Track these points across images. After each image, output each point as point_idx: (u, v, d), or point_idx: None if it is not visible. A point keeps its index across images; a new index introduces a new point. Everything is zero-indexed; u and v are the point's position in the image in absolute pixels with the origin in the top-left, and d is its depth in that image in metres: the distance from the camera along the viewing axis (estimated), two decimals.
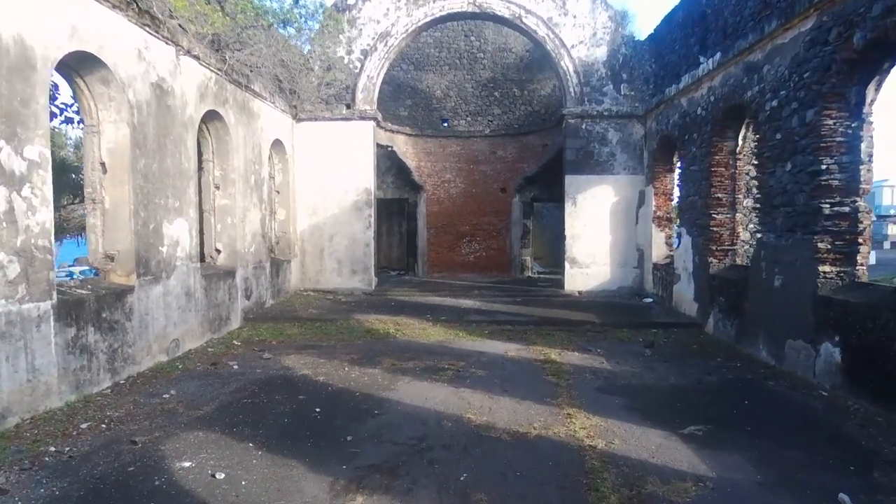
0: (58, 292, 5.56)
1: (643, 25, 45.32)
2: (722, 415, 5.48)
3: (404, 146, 16.72)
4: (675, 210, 12.14)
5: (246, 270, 10.09)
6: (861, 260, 6.23)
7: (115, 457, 4.44)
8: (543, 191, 16.88)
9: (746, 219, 9.59)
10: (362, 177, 13.15)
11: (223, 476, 4.11)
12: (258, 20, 8.62)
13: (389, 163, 16.63)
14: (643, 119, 12.71)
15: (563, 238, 13.25)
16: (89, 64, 6.23)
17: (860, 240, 6.22)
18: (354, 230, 13.13)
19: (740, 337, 8.13)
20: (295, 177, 12.93)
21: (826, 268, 6.33)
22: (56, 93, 9.19)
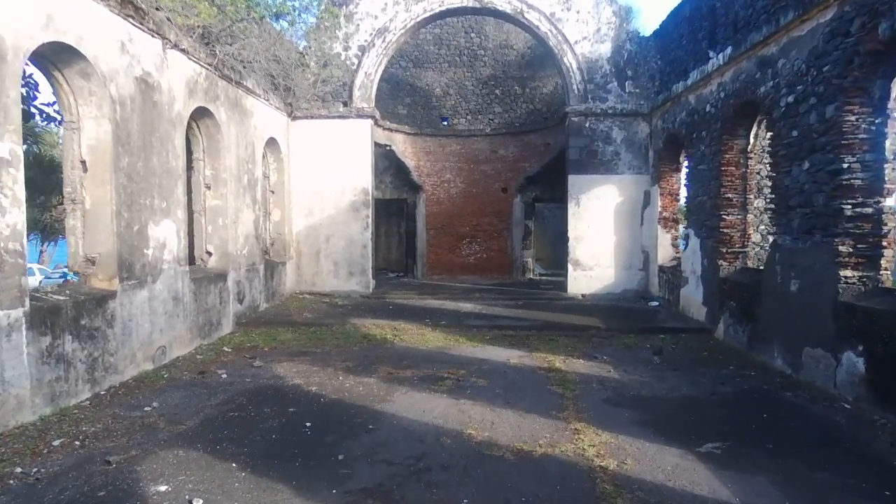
0: (31, 299, 5.21)
1: (648, 21, 44.87)
2: (740, 430, 5.12)
3: (403, 145, 16.36)
4: (682, 211, 11.79)
5: (238, 273, 9.74)
6: (885, 264, 5.89)
7: (86, 479, 4.09)
8: (545, 191, 16.52)
9: (757, 220, 9.25)
10: (360, 176, 12.80)
11: (201, 503, 3.76)
12: (249, 12, 8.27)
13: (388, 162, 16.28)
14: (648, 117, 12.35)
15: (566, 239, 12.90)
16: (67, 56, 5.87)
17: (884, 243, 5.88)
18: (351, 231, 12.78)
19: (753, 343, 7.78)
20: (290, 176, 12.57)
21: (847, 272, 5.98)
22: (36, 91, 8.84)
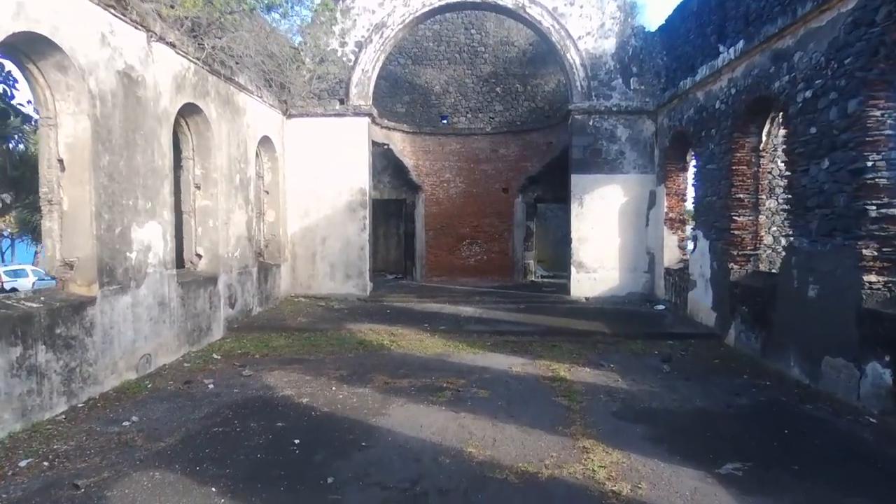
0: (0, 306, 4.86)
1: (653, 16, 44.33)
2: (761, 448, 4.76)
3: (401, 144, 16.00)
4: (690, 212, 11.44)
5: (230, 276, 9.38)
6: None
7: None
8: (547, 191, 16.17)
9: (769, 221, 8.88)
10: (357, 176, 12.44)
11: None
12: (239, 3, 7.91)
13: (386, 161, 15.92)
14: (654, 115, 11.99)
15: (569, 241, 12.54)
16: (42, 47, 5.52)
17: None
18: (348, 232, 12.42)
19: (767, 351, 7.42)
20: (285, 176, 12.21)
21: (872, 277, 5.62)
22: (14, 88, 8.47)
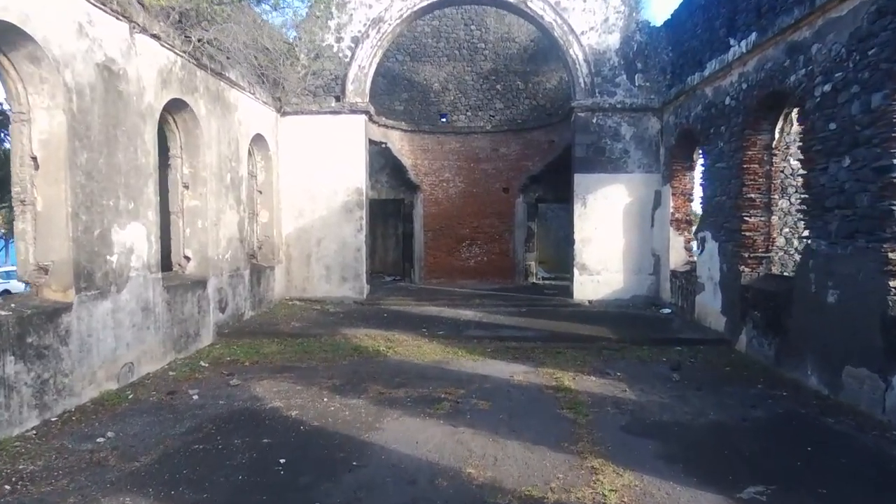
0: None
1: (659, 11, 43.81)
2: (784, 468, 4.41)
3: (399, 143, 15.64)
4: (696, 212, 11.07)
5: (220, 279, 9.03)
6: None
7: None
8: (549, 191, 15.80)
9: (781, 222, 8.53)
10: (353, 175, 12.08)
11: None
12: None
13: (383, 161, 15.56)
14: (660, 112, 11.64)
15: (571, 242, 12.18)
16: (12, 37, 5.17)
17: None
18: (344, 233, 12.06)
19: (782, 359, 7.07)
20: (279, 175, 11.86)
21: None
22: None
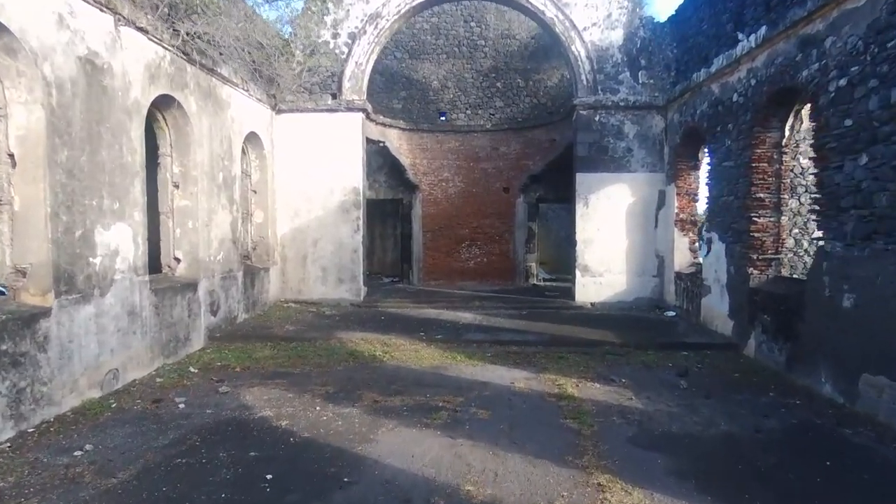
0: None
1: (663, 7, 43.10)
2: (802, 485, 4.14)
3: (398, 141, 15.37)
4: (702, 213, 10.81)
5: (211, 281, 8.76)
6: None
7: None
8: (550, 190, 15.53)
9: (791, 223, 8.26)
10: (350, 175, 11.81)
11: None
12: None
13: (381, 160, 15.29)
14: (664, 110, 11.37)
15: (572, 242, 11.92)
16: None
17: None
18: (341, 234, 11.79)
19: (793, 365, 6.80)
20: (274, 175, 11.59)
21: None
22: None
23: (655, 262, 11.51)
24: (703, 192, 10.34)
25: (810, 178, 9.84)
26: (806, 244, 9.70)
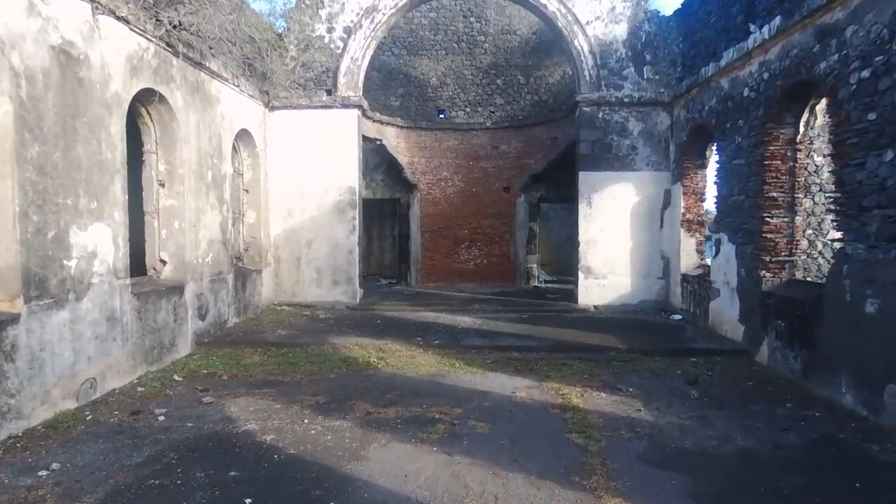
0: None
1: (668, 1, 42.68)
2: None
3: (395, 140, 15.00)
4: (709, 212, 10.46)
5: (199, 284, 8.39)
6: None
7: None
8: (552, 190, 15.17)
9: (804, 223, 7.90)
10: (346, 173, 11.44)
11: None
12: None
13: (379, 158, 14.93)
14: (670, 106, 11.01)
15: (575, 243, 11.55)
16: None
17: None
18: (336, 235, 11.43)
19: (810, 373, 6.44)
20: (267, 173, 11.22)
21: None
22: None
23: (661, 264, 11.14)
24: (711, 192, 10.00)
25: (825, 177, 9.48)
26: (820, 245, 9.33)
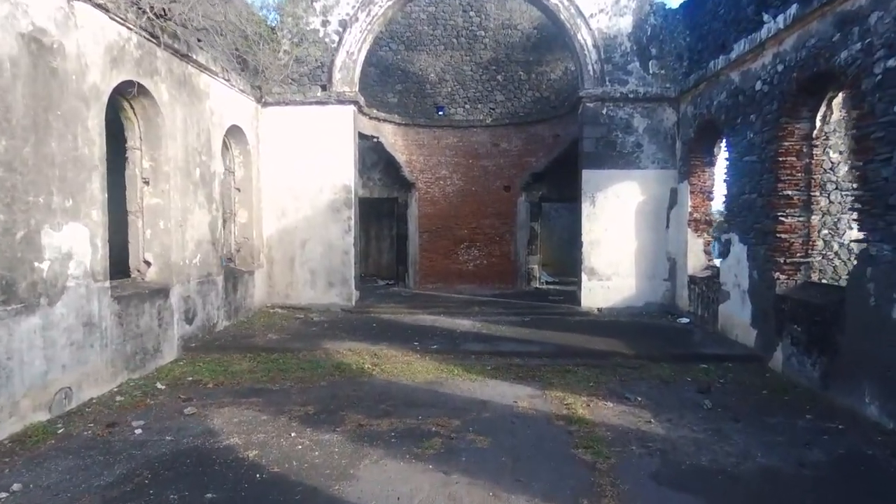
0: None
1: None
2: None
3: (393, 137, 14.62)
4: (717, 212, 10.10)
5: (186, 287, 8.03)
6: None
7: None
8: (553, 189, 14.79)
9: (820, 223, 7.53)
10: (341, 172, 11.08)
11: None
12: None
13: (376, 156, 14.56)
14: (676, 102, 10.64)
15: (578, 244, 11.18)
16: None
17: None
18: (331, 235, 11.06)
19: (830, 382, 6.07)
20: (260, 172, 10.86)
21: None
22: None
23: (667, 265, 10.78)
24: (720, 190, 9.63)
25: (841, 174, 9.12)
26: (836, 246, 8.96)
